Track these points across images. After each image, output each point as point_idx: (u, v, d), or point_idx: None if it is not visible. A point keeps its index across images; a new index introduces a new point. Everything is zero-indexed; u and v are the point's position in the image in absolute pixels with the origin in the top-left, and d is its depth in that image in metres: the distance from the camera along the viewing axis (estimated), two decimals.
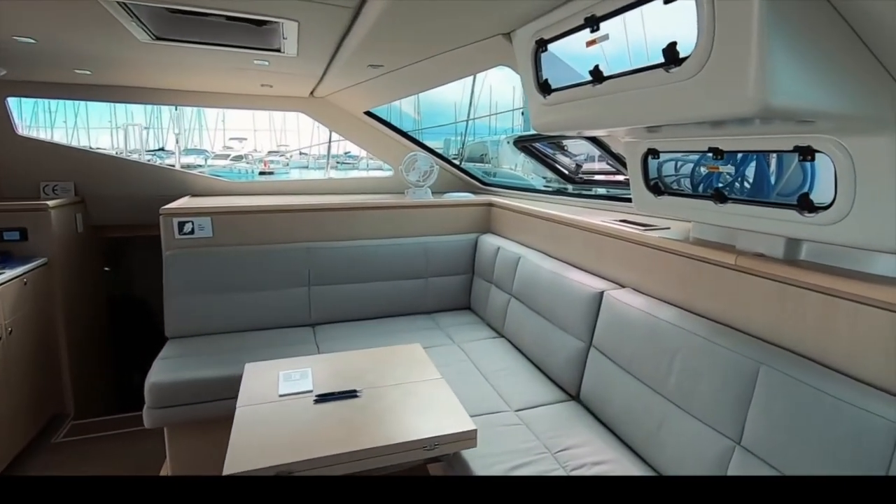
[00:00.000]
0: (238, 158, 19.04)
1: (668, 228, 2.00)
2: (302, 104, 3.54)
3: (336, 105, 3.55)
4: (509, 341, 2.62)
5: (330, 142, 4.27)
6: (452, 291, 3.17)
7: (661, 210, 1.76)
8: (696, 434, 1.44)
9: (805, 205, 1.27)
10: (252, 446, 1.45)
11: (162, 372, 2.24)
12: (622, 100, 1.27)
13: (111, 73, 2.83)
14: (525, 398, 2.04)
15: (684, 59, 1.06)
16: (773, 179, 1.59)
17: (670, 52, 1.06)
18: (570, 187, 3.04)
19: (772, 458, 1.24)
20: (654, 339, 1.66)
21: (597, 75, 1.32)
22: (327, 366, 1.96)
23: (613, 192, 2.74)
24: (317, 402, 1.67)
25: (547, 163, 2.89)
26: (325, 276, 2.90)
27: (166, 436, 2.33)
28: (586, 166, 2.92)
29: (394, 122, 3.77)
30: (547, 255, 2.59)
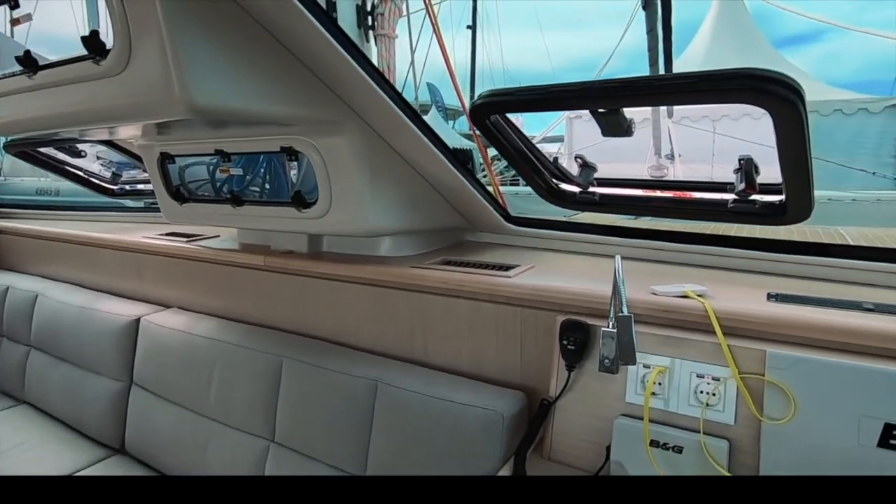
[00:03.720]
0: None
1: (218, 236, 1.96)
2: None
3: None
4: (34, 407, 2.04)
5: None
6: None
7: (188, 218, 1.68)
8: (236, 444, 1.44)
9: (299, 202, 1.42)
10: None
11: None
12: (62, 95, 1.09)
13: None
14: None
15: (110, 50, 0.98)
16: (295, 178, 1.73)
17: (93, 41, 0.96)
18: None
19: (299, 444, 1.34)
20: (193, 358, 1.57)
21: (29, 63, 1.09)
22: None
23: None
24: None
25: (64, 171, 2.39)
26: None
27: None
28: (130, 174, 2.57)
29: None
30: (79, 285, 2.15)
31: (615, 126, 1.10)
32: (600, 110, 1.07)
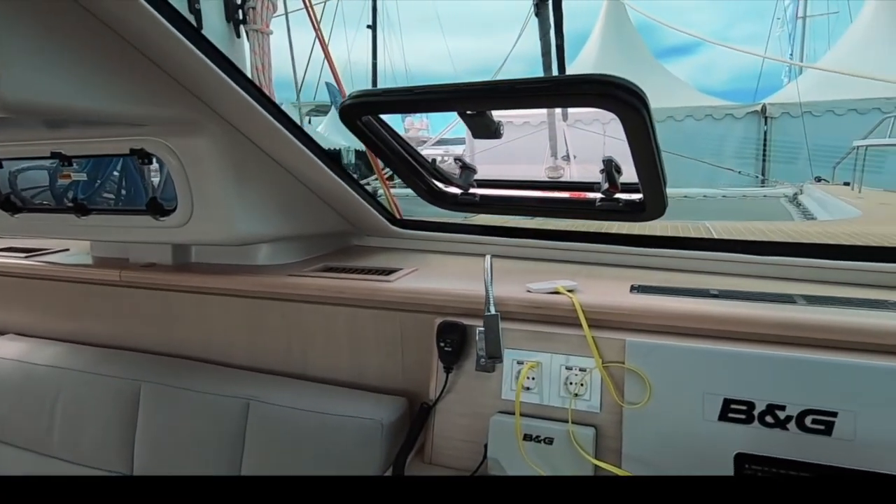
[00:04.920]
0: None
1: (67, 250, 1.76)
2: None
3: None
4: None
5: None
6: None
7: (24, 230, 1.50)
8: None
9: (156, 209, 1.32)
10: None
11: None
12: None
13: None
14: None
15: None
16: (157, 183, 1.60)
17: None
18: None
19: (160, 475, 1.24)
20: (32, 391, 1.40)
21: None
22: None
23: None
24: None
25: None
26: None
27: None
28: None
29: None
30: None
31: (483, 128, 1.14)
32: (468, 112, 1.10)
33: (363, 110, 1.17)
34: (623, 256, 1.48)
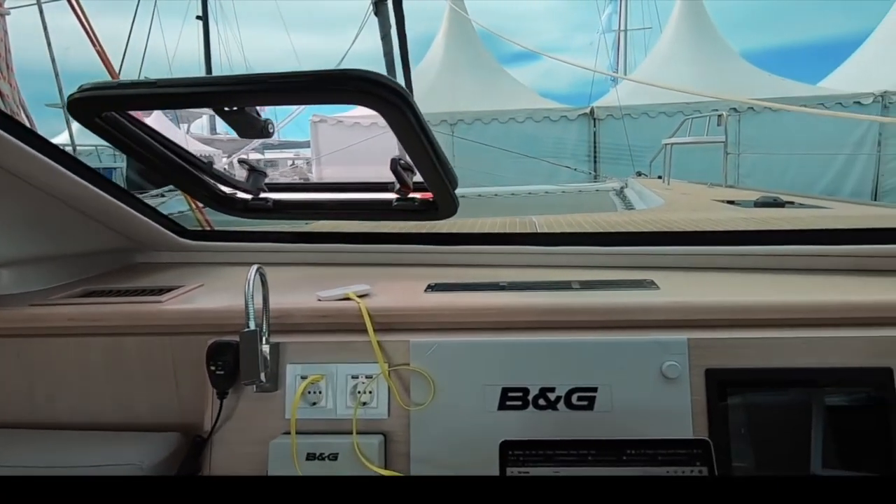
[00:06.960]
0: None
1: None
2: None
3: None
4: None
5: None
6: None
7: None
8: None
9: None
10: None
11: None
12: None
13: None
14: None
15: None
16: None
17: None
18: None
19: None
20: None
21: None
22: None
23: None
24: None
25: None
26: None
27: None
28: None
29: None
30: None
31: (247, 126, 1.06)
32: (226, 109, 1.02)
33: (98, 106, 1.03)
34: (427, 255, 1.50)
